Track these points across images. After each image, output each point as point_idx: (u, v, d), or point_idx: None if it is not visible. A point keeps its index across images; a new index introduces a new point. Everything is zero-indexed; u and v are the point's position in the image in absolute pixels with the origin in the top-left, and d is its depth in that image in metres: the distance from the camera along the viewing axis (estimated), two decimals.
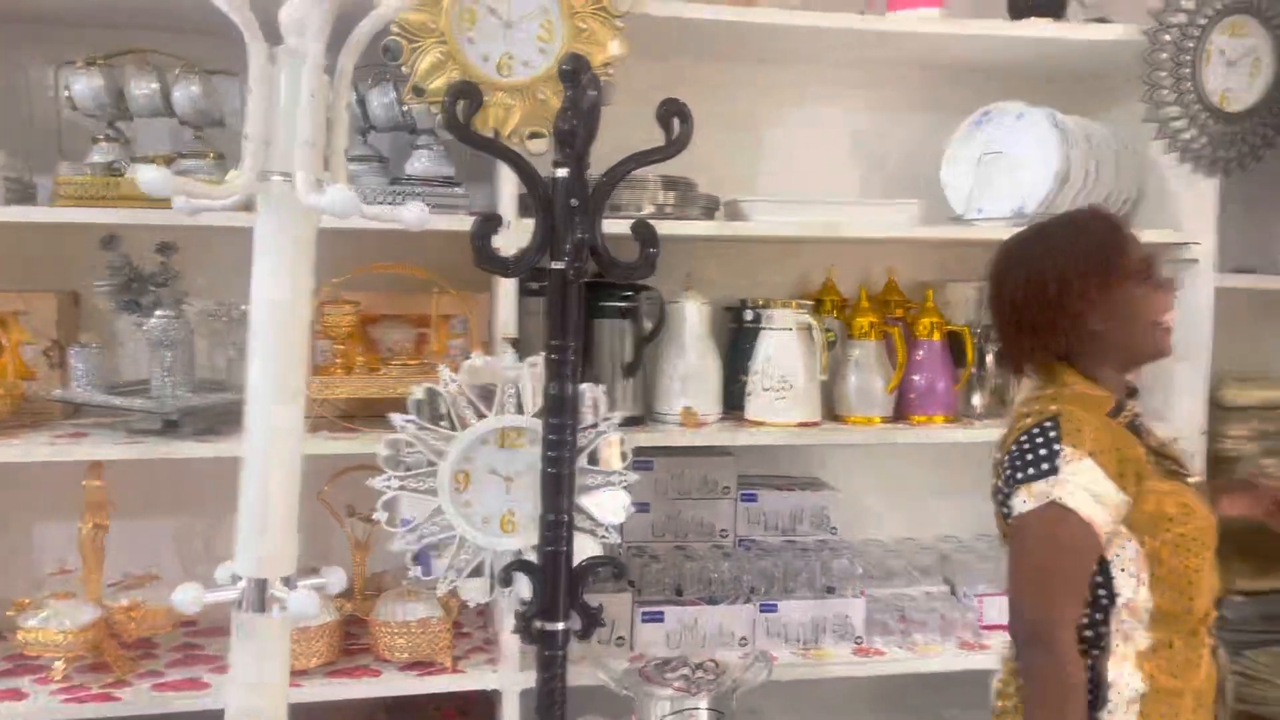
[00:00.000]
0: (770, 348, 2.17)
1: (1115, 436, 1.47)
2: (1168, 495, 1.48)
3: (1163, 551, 1.46)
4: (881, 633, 2.24)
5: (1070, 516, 1.42)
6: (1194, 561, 1.46)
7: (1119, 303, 1.52)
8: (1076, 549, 1.43)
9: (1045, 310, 1.53)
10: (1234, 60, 2.16)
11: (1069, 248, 1.54)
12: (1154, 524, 1.46)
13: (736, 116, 2.38)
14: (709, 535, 2.33)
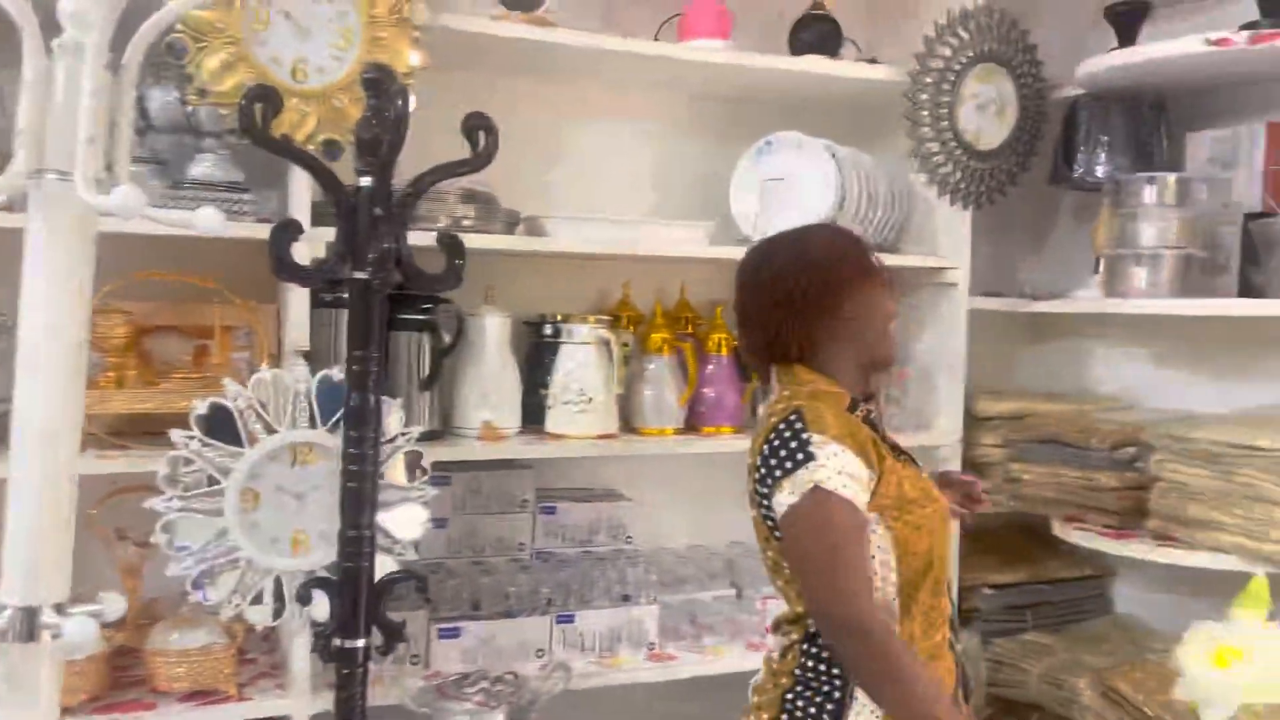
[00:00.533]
0: (570, 362, 2.21)
1: (853, 426, 1.53)
2: (908, 479, 1.56)
3: (906, 534, 1.52)
4: (674, 638, 2.31)
5: (833, 498, 1.46)
6: (930, 545, 1.54)
7: (865, 302, 1.60)
8: (847, 528, 1.47)
9: (812, 292, 1.58)
10: (984, 104, 2.40)
11: (828, 247, 1.63)
12: (898, 505, 1.52)
13: (537, 133, 2.41)
14: (507, 549, 2.33)
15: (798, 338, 1.60)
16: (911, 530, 1.53)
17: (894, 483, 1.53)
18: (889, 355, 1.68)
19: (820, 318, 1.59)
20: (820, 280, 1.59)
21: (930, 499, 1.57)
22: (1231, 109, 2.36)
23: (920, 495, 1.55)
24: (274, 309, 2.07)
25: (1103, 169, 2.41)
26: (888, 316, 1.65)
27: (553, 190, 2.43)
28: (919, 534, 1.53)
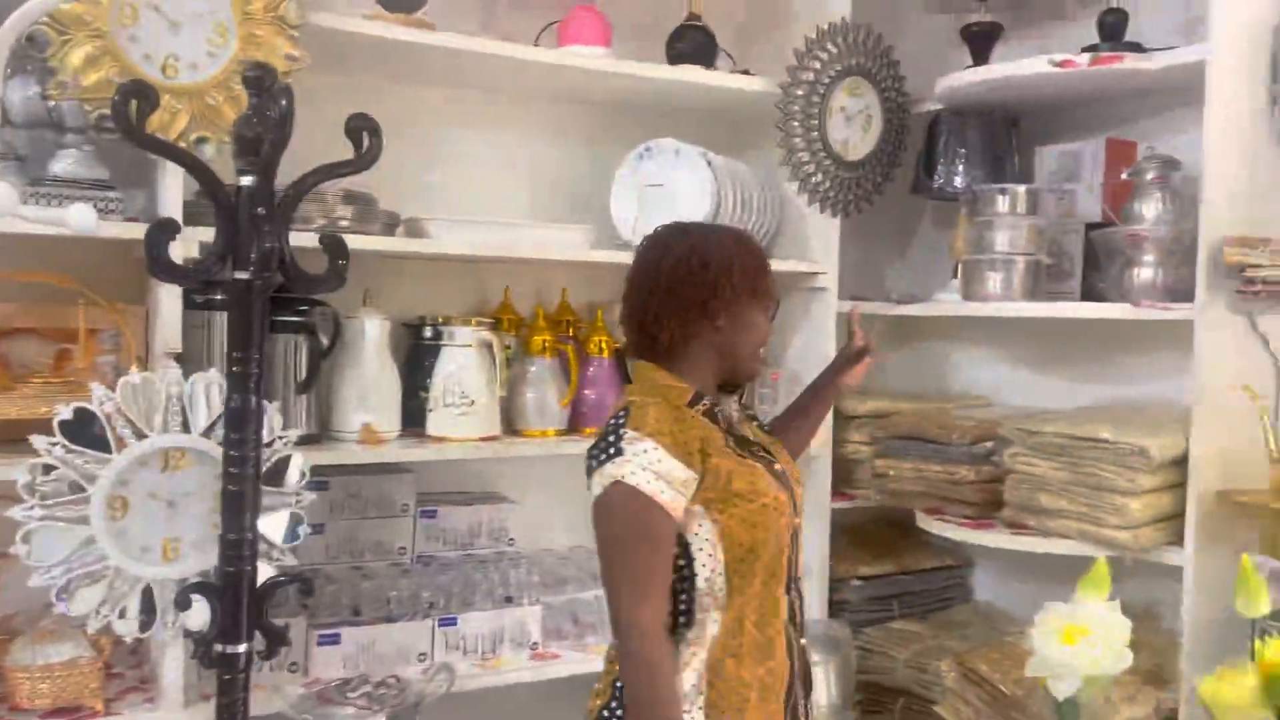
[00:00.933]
0: (451, 364, 2.21)
1: (681, 420, 1.54)
2: (738, 473, 1.55)
3: (732, 528, 1.53)
4: (557, 637, 2.33)
5: (635, 493, 1.47)
6: (761, 538, 1.55)
7: (743, 320, 1.62)
8: (645, 526, 1.48)
9: (696, 291, 1.58)
10: (852, 116, 2.51)
11: (728, 255, 1.61)
12: (723, 499, 1.53)
13: (417, 135, 2.40)
14: (387, 554, 2.31)
15: (668, 332, 1.60)
16: (737, 523, 1.54)
17: (722, 477, 1.53)
18: (751, 374, 1.70)
19: (695, 320, 1.60)
20: (708, 285, 1.59)
21: (759, 494, 1.56)
22: (1075, 126, 2.54)
23: (749, 490, 1.55)
24: (142, 311, 2.01)
25: (960, 180, 2.55)
26: (760, 340, 1.68)
27: (433, 193, 2.42)
28: (745, 527, 1.54)
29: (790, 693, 1.63)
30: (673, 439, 1.51)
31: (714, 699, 1.55)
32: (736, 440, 1.63)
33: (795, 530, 1.65)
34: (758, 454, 1.65)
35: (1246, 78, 2.09)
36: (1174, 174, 2.23)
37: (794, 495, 1.65)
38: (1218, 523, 2.05)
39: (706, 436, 1.56)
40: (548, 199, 2.57)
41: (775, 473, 1.64)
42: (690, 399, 1.60)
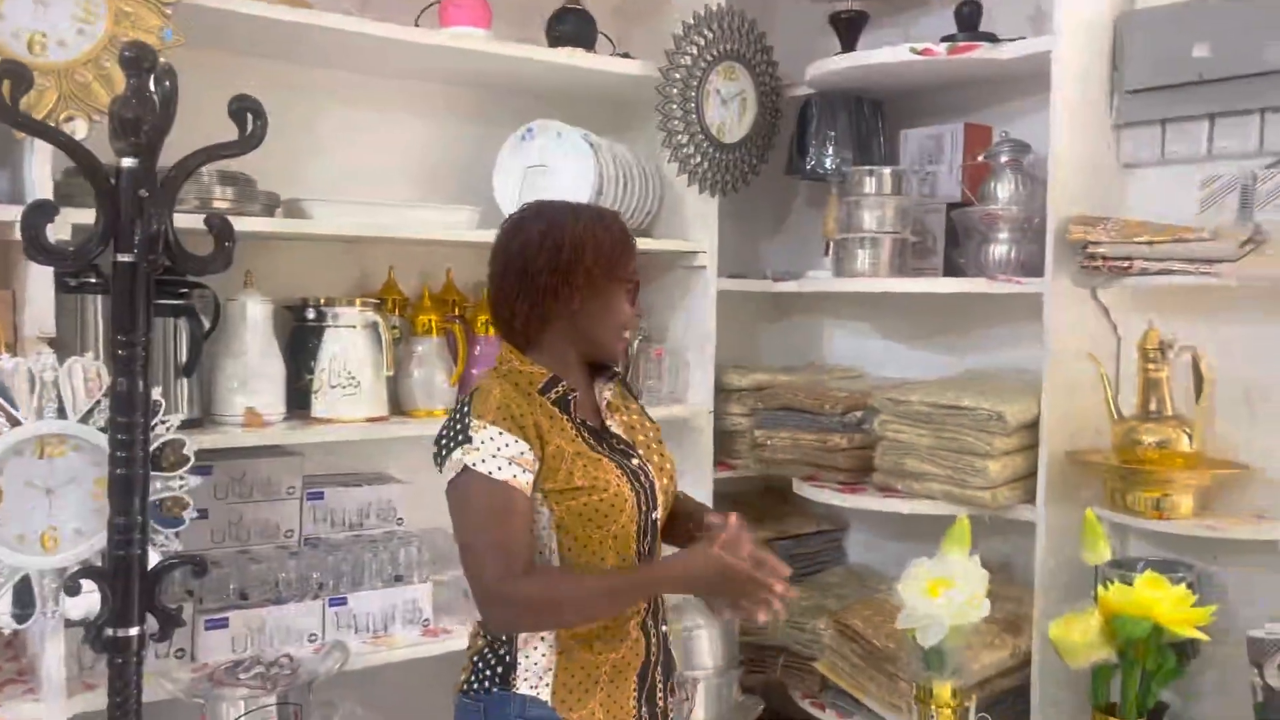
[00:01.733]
0: (336, 345, 2.21)
1: (524, 406, 1.52)
2: (580, 465, 1.53)
3: (568, 520, 1.53)
4: (448, 613, 2.36)
5: (486, 479, 1.47)
6: (599, 534, 1.53)
7: (601, 304, 1.58)
8: (495, 507, 1.48)
9: (549, 275, 1.55)
10: (727, 99, 2.59)
11: (583, 236, 1.56)
12: (561, 492, 1.52)
13: (298, 116, 2.37)
14: (275, 537, 2.30)
15: (523, 315, 1.58)
16: (572, 516, 1.53)
17: (562, 466, 1.52)
18: (612, 355, 1.66)
19: (550, 304, 1.57)
20: (562, 268, 1.55)
21: (600, 488, 1.53)
22: (938, 110, 2.68)
23: (588, 482, 1.53)
24: (8, 295, 1.95)
25: (830, 161, 2.67)
26: (618, 322, 1.62)
27: (315, 175, 2.40)
28: (578, 520, 1.53)
29: (645, 676, 1.63)
30: (515, 422, 1.50)
31: (563, 678, 1.56)
32: (590, 431, 1.60)
33: (653, 524, 1.62)
34: (614, 446, 1.62)
35: (1088, 67, 2.25)
36: (1025, 157, 2.38)
37: (652, 490, 1.62)
38: (1066, 481, 2.23)
39: (549, 423, 1.54)
40: (432, 180, 2.58)
41: (628, 468, 1.59)
42: (544, 384, 1.58)
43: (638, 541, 1.59)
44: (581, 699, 1.57)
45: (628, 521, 1.56)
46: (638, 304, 1.71)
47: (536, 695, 1.56)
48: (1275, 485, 2.09)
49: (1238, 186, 2.11)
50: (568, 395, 1.59)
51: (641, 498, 1.59)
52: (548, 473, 1.52)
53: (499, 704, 1.57)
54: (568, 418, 1.58)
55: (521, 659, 1.57)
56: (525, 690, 1.56)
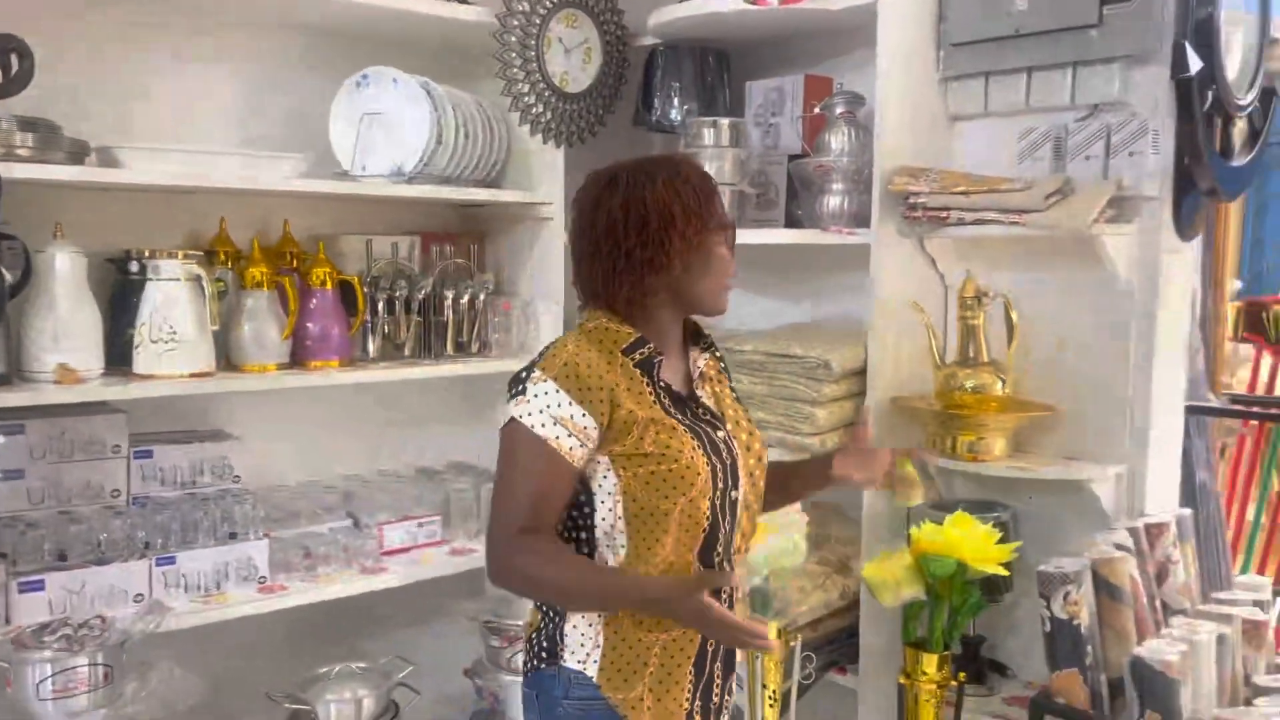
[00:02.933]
0: (157, 299, 2.14)
1: (599, 366, 1.47)
2: (653, 431, 1.47)
3: (634, 487, 1.47)
4: (285, 570, 2.33)
5: (523, 433, 1.45)
6: (665, 505, 1.46)
7: (700, 260, 1.51)
8: (527, 463, 1.46)
9: (643, 249, 1.48)
10: (571, 48, 2.56)
11: (673, 189, 1.50)
12: (629, 457, 1.47)
13: (119, 64, 2.27)
14: (99, 497, 2.23)
15: (625, 291, 1.51)
16: (640, 484, 1.47)
17: (634, 430, 1.46)
18: (718, 311, 1.58)
19: (651, 277, 1.50)
20: (655, 239, 1.48)
21: (671, 458, 1.47)
22: (780, 62, 2.69)
23: (657, 449, 1.47)
24: None
25: (676, 113, 2.66)
26: (723, 274, 1.56)
27: (138, 123, 2.30)
28: (647, 489, 1.47)
29: (703, 668, 1.55)
30: (578, 382, 1.45)
31: (610, 655, 1.50)
32: (672, 397, 1.54)
33: (733, 504, 1.55)
34: (698, 415, 1.56)
35: (915, 20, 2.28)
36: (860, 109, 2.42)
37: (734, 467, 1.55)
38: (892, 426, 2.29)
39: (627, 385, 1.48)
40: (266, 128, 2.49)
41: (708, 439, 1.53)
42: (629, 344, 1.51)
43: (711, 520, 1.51)
44: (629, 680, 1.50)
45: (699, 496, 1.48)
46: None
47: (583, 671, 1.50)
48: (1085, 427, 2.18)
49: (1052, 139, 2.18)
50: (653, 358, 1.52)
51: (719, 473, 1.52)
52: (616, 435, 1.46)
53: (547, 684, 1.52)
54: (648, 381, 1.51)
55: (569, 629, 1.52)
56: (573, 665, 1.51)
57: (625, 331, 1.52)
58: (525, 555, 1.45)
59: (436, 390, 2.80)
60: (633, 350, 1.51)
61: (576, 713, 1.51)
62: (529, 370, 1.50)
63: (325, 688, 2.16)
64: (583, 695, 1.50)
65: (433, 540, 2.57)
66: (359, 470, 2.71)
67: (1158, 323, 2.08)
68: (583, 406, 1.45)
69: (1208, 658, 1.75)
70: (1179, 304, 2.18)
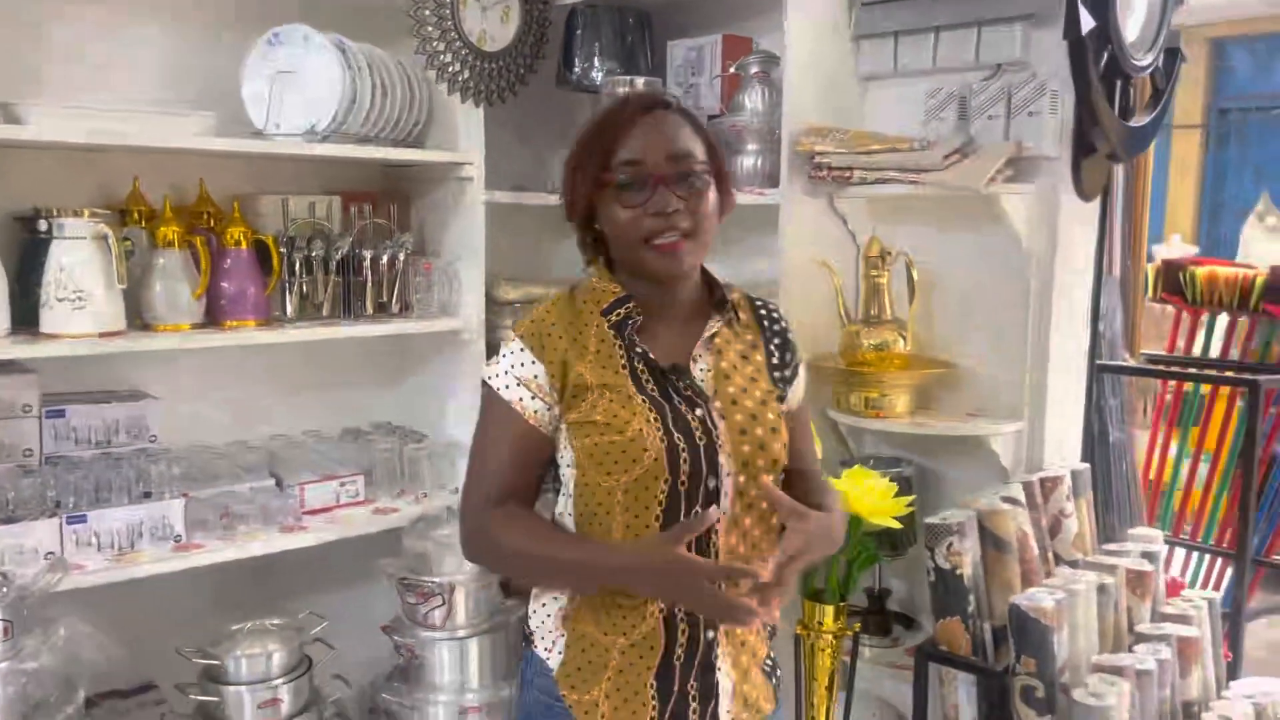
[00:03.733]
0: (64, 258, 2.13)
1: (563, 328, 1.39)
2: (606, 399, 1.35)
3: (582, 459, 1.35)
4: (203, 529, 2.34)
5: (491, 395, 1.40)
6: (608, 483, 1.33)
7: (603, 209, 1.38)
8: (494, 428, 1.40)
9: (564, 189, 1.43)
10: (488, 6, 2.55)
11: (593, 121, 1.41)
12: (579, 425, 1.36)
13: (33, 19, 2.24)
14: (12, 457, 2.24)
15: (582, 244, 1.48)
16: (586, 455, 1.35)
17: (587, 400, 1.35)
18: (643, 269, 1.38)
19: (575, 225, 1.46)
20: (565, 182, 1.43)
21: (619, 428, 1.33)
22: (702, 22, 2.69)
23: (607, 419, 1.34)
24: None
25: (597, 73, 2.66)
26: (625, 230, 1.37)
27: (45, 80, 2.28)
28: (593, 462, 1.34)
29: (668, 679, 1.38)
30: (540, 340, 1.38)
31: (570, 652, 1.40)
32: (647, 364, 1.38)
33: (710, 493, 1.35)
34: (674, 389, 1.39)
35: None
36: (774, 69, 2.42)
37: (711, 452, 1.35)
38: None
39: (596, 348, 1.37)
40: (178, 86, 2.47)
41: (677, 415, 1.36)
42: (611, 303, 1.41)
43: (667, 508, 1.33)
44: (586, 681, 1.39)
45: (647, 476, 1.32)
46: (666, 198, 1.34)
47: (547, 662, 1.43)
48: (988, 384, 2.22)
49: (956, 99, 2.20)
50: (628, 319, 1.40)
51: (683, 454, 1.34)
52: (570, 401, 1.37)
53: (525, 663, 1.48)
54: (620, 343, 1.39)
55: (533, 614, 1.46)
56: (540, 652, 1.44)
57: (610, 289, 1.41)
58: (491, 526, 1.37)
59: (362, 351, 2.81)
60: (611, 310, 1.40)
61: (540, 704, 1.43)
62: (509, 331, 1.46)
63: (236, 643, 2.18)
64: (545, 688, 1.42)
65: (355, 500, 2.59)
66: (285, 431, 2.72)
67: (1055, 282, 2.12)
68: (545, 366, 1.37)
69: (1086, 606, 1.81)
70: (1080, 264, 2.22)
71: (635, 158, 1.34)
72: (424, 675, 2.38)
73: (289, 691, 2.17)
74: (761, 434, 1.38)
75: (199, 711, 2.19)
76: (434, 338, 2.71)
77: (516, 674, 1.52)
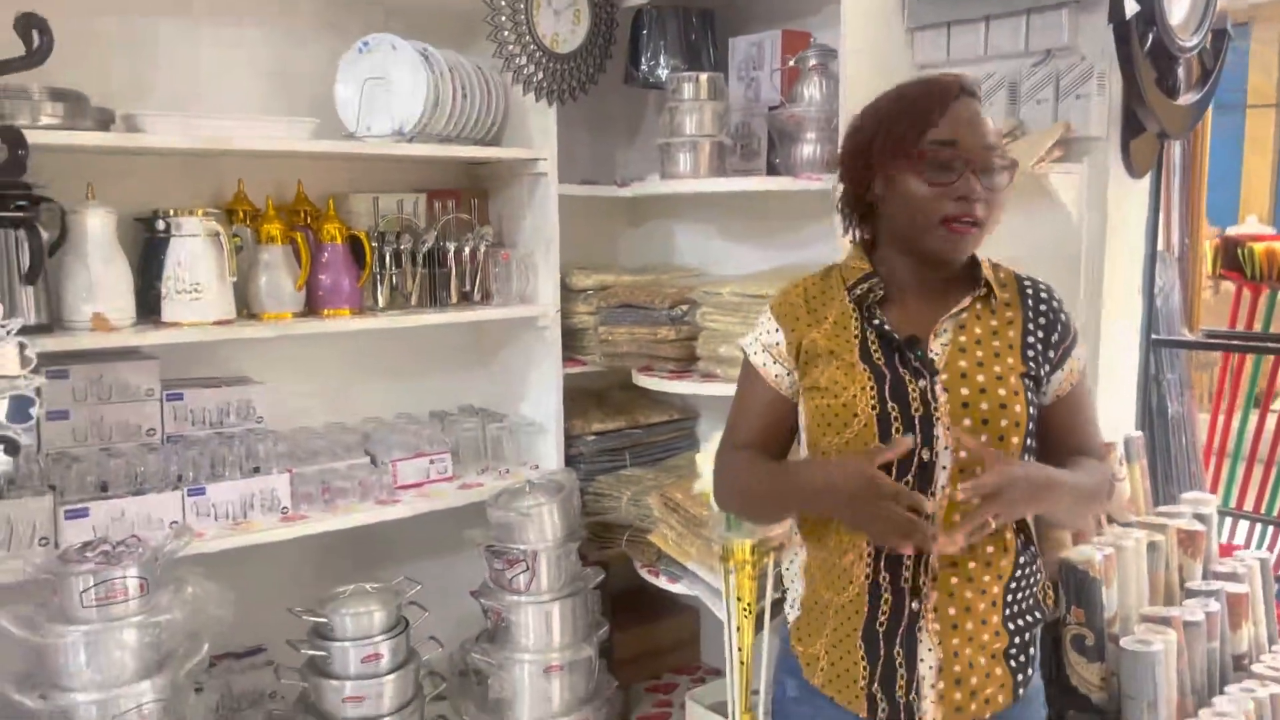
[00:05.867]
0: (181, 253, 2.34)
1: (814, 299, 1.50)
2: (832, 366, 1.43)
3: (809, 420, 1.47)
4: (307, 502, 2.54)
5: (745, 359, 1.57)
6: (823, 444, 1.43)
7: (899, 182, 1.38)
8: (744, 388, 1.56)
9: (849, 159, 1.46)
10: (559, 10, 2.71)
11: (889, 100, 1.43)
12: (808, 390, 1.47)
13: (137, 32, 2.46)
14: (137, 435, 2.46)
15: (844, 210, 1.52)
16: (810, 416, 1.46)
17: (817, 367, 1.45)
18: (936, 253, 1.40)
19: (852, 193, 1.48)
20: (856, 150, 1.44)
21: (836, 392, 1.41)
22: (761, 18, 2.82)
23: (830, 384, 1.42)
24: None
25: (663, 70, 2.80)
26: (919, 208, 1.37)
27: (157, 90, 2.50)
28: (818, 424, 1.44)
29: (874, 644, 1.42)
30: (786, 309, 1.52)
31: (805, 606, 1.53)
32: (881, 337, 1.42)
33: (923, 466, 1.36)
34: (902, 361, 1.40)
35: None
36: (832, 61, 2.54)
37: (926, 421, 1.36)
38: None
39: (834, 319, 1.46)
40: (277, 92, 2.68)
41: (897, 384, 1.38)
42: (856, 280, 1.47)
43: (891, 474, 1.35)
44: (812, 635, 1.52)
45: (858, 441, 1.38)
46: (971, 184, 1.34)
47: (789, 615, 1.58)
48: None
49: (1007, 84, 2.29)
50: (871, 294, 1.45)
51: (896, 423, 1.37)
52: (804, 368, 1.48)
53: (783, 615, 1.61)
54: (858, 317, 1.45)
55: (786, 567, 1.60)
56: (785, 607, 1.59)
57: (859, 267, 1.48)
58: (725, 469, 1.56)
59: (447, 338, 2.99)
60: (855, 286, 1.47)
61: (784, 654, 1.58)
62: None
63: (341, 604, 2.37)
64: (785, 637, 1.58)
65: (444, 475, 2.77)
66: (378, 414, 2.92)
67: (1106, 259, 2.20)
68: (786, 334, 1.50)
69: (1135, 562, 1.90)
70: (1132, 241, 2.29)
71: (952, 139, 1.34)
72: (510, 636, 2.56)
73: (389, 648, 2.36)
74: (987, 409, 1.36)
75: (308, 666, 2.39)
76: (513, 324, 2.88)
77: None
